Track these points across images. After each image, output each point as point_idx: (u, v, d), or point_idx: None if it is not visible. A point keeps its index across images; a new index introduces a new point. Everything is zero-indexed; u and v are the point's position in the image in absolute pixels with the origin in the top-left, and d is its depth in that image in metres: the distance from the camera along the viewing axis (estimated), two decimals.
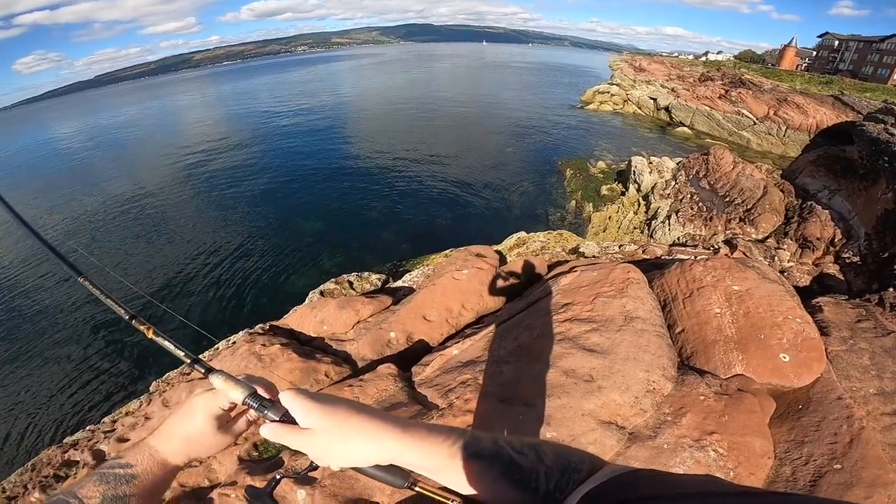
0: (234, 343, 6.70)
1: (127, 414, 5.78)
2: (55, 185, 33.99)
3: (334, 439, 0.72)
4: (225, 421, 0.88)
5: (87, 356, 14.08)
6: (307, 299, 8.93)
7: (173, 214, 24.58)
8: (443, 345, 5.30)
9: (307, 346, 6.44)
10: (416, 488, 0.76)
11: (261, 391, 0.84)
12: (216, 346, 7.36)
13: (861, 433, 3.14)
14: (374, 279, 9.46)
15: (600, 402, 3.23)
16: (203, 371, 0.88)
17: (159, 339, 0.93)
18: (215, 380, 0.84)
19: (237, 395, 0.83)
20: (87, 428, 5.69)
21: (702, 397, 3.43)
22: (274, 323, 7.15)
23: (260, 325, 7.01)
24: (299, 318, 6.94)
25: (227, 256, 18.89)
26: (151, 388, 6.45)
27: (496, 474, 0.70)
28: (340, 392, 5.05)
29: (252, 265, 18.06)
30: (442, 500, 0.75)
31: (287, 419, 0.77)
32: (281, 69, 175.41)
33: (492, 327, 4.55)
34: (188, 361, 0.90)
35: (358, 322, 6.58)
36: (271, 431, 0.76)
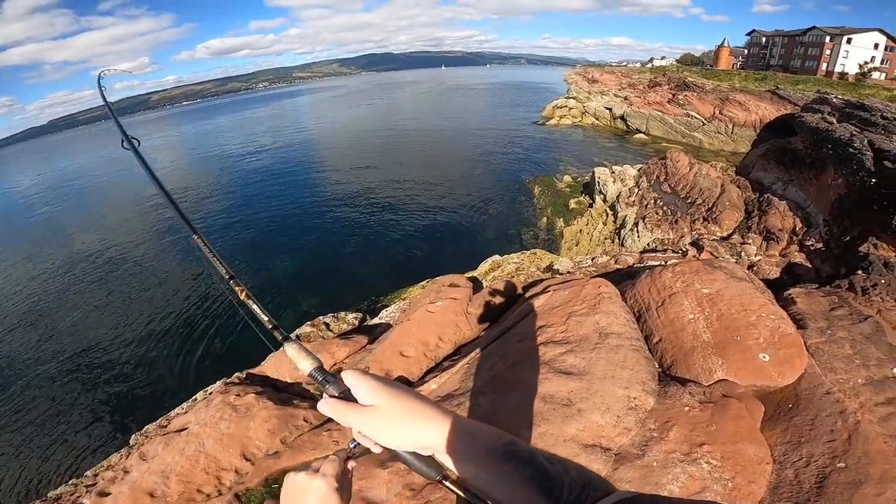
0: (210, 393, 6.56)
1: (108, 468, 5.66)
2: (16, 241, 32.63)
3: (392, 419, 0.77)
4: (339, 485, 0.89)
5: (72, 406, 13.65)
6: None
7: (145, 261, 23.78)
8: (422, 379, 5.15)
9: (284, 393, 6.27)
10: (446, 483, 0.80)
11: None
12: (194, 396, 7.17)
13: (858, 427, 3.07)
14: (351, 318, 9.25)
15: (581, 426, 3.11)
16: (281, 337, 0.94)
17: (250, 302, 1.03)
18: (289, 348, 0.91)
19: (305, 365, 0.88)
20: (70, 482, 5.64)
21: (686, 408, 3.34)
22: (251, 371, 7.07)
23: (237, 373, 6.90)
24: (275, 365, 6.84)
25: (200, 304, 18.22)
26: (132, 441, 6.34)
27: (526, 477, 0.72)
28: (319, 437, 4.94)
29: (226, 312, 17.45)
30: (467, 497, 0.78)
31: (346, 396, 0.81)
32: (243, 107, 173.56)
33: (468, 358, 4.41)
34: (270, 327, 0.97)
35: (334, 364, 6.40)
36: (329, 406, 0.81)
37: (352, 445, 0.88)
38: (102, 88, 2.13)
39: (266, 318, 1.00)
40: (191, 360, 15.05)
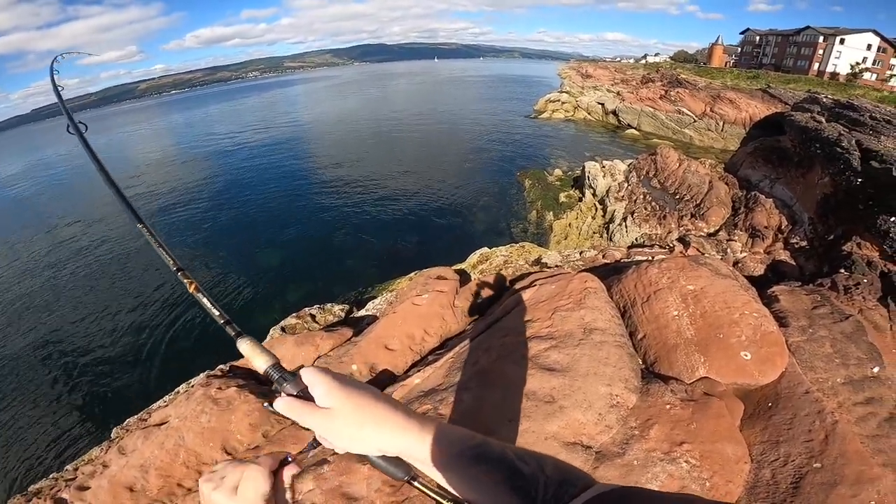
0: (192, 386, 6.51)
1: (88, 462, 5.62)
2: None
3: (350, 422, 0.72)
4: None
5: (52, 399, 13.43)
6: (268, 336, 8.70)
7: (127, 248, 23.33)
8: (406, 373, 5.11)
9: (266, 386, 6.24)
10: (415, 483, 0.76)
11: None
12: (176, 389, 7.07)
13: (835, 427, 3.07)
14: (338, 310, 9.20)
15: (563, 423, 3.09)
16: (234, 334, 0.90)
17: (199, 295, 0.99)
18: (242, 345, 0.87)
19: (260, 363, 0.83)
20: (51, 476, 5.58)
21: (668, 406, 3.34)
22: (234, 363, 6.99)
23: (220, 366, 6.80)
24: None
25: (184, 295, 18.00)
26: (113, 435, 6.24)
27: (499, 478, 0.70)
28: (301, 431, 4.89)
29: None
30: (437, 498, 0.75)
31: (304, 395, 0.76)
32: (233, 96, 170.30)
33: (453, 352, 4.37)
34: (221, 322, 0.93)
35: (318, 357, 6.33)
36: (285, 405, 0.75)
37: (310, 447, 0.83)
38: (55, 74, 2.02)
39: (217, 313, 0.95)
40: (175, 352, 14.87)
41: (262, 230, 24.33)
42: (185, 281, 1.03)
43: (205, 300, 0.98)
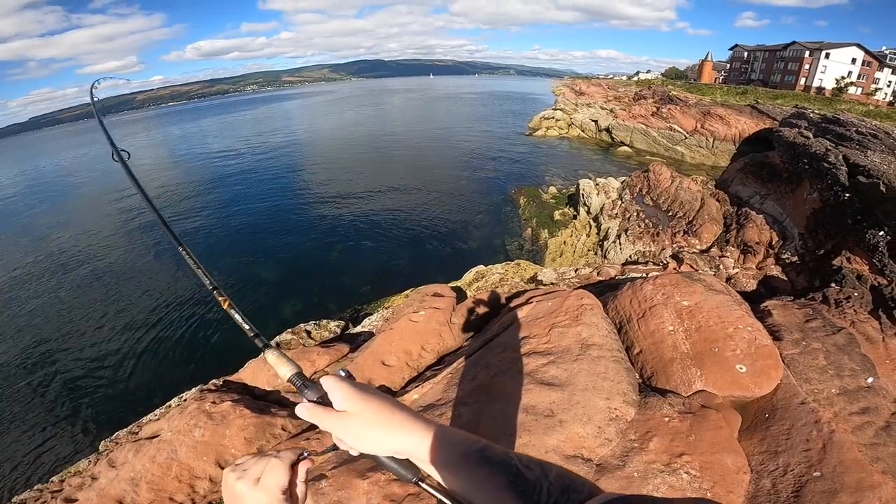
0: (185, 400, 6.43)
1: (75, 473, 5.54)
2: None
3: (365, 425, 0.78)
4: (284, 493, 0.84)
5: (39, 411, 13.27)
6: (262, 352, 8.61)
7: (120, 264, 23.17)
8: (404, 389, 5.11)
9: (262, 401, 6.18)
10: (423, 485, 0.80)
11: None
12: (168, 403, 7.01)
13: (833, 437, 3.12)
14: (333, 326, 9.18)
15: (563, 437, 3.11)
16: (261, 345, 0.96)
17: (232, 311, 1.05)
18: (269, 355, 0.93)
19: (285, 371, 0.89)
20: (35, 487, 5.50)
21: (666, 419, 3.37)
22: (228, 378, 6.96)
23: (213, 380, 6.77)
24: (252, 373, 6.74)
25: (178, 309, 17.83)
26: (101, 448, 6.20)
27: (503, 482, 0.72)
28: (297, 445, 4.86)
29: (206, 318, 17.10)
30: (444, 500, 0.77)
31: (323, 402, 0.82)
32: (230, 109, 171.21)
33: (451, 368, 4.39)
34: (251, 335, 0.99)
35: (315, 373, 6.33)
36: (307, 411, 0.81)
37: (330, 450, 0.88)
38: (95, 100, 2.09)
39: (247, 327, 1.02)
40: (166, 367, 14.70)
41: (256, 245, 24.28)
42: (220, 299, 1.10)
43: (237, 315, 1.05)
